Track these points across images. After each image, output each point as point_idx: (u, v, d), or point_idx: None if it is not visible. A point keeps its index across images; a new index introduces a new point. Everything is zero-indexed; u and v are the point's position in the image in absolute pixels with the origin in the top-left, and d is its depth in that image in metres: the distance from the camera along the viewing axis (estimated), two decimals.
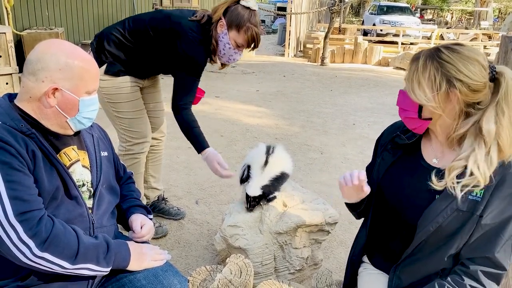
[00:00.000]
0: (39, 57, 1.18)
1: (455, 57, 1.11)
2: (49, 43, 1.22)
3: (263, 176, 1.94)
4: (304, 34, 13.36)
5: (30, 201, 1.08)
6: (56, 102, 1.19)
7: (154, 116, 2.62)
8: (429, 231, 1.16)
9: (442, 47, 1.15)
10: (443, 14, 34.23)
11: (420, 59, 1.15)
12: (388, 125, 1.46)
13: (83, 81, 1.21)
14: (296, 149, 4.32)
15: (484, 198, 1.11)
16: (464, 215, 1.13)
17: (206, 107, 5.95)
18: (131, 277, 1.28)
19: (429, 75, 1.13)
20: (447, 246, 1.17)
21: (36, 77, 1.17)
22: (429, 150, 1.26)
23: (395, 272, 1.28)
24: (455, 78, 1.10)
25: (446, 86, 1.11)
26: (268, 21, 22.85)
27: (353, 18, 27.93)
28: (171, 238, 2.61)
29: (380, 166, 1.34)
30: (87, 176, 1.30)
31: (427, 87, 1.13)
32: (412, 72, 1.16)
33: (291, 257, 1.97)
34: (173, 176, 3.56)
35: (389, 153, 1.33)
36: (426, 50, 1.18)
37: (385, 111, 6.13)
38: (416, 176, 1.25)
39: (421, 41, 13.32)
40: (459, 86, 1.11)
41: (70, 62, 1.18)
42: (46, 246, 1.07)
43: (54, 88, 1.17)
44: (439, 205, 1.15)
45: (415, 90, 1.15)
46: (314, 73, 9.40)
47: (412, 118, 1.19)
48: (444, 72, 1.11)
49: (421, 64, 1.14)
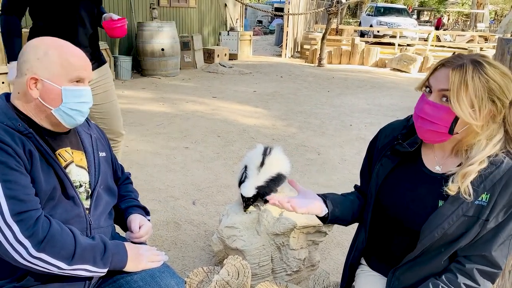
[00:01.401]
0: (22, 51, 1.20)
1: (497, 74, 1.07)
2: (36, 39, 1.23)
3: (259, 177, 1.94)
4: (301, 35, 13.38)
5: (27, 201, 1.07)
6: (39, 94, 1.17)
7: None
8: (434, 238, 1.14)
9: (481, 60, 1.08)
10: (439, 16, 34.36)
11: (467, 69, 1.06)
12: (383, 127, 1.41)
13: (64, 69, 1.19)
14: (293, 150, 4.32)
15: (490, 202, 1.10)
16: (470, 220, 1.12)
17: (203, 108, 5.95)
18: (128, 278, 1.27)
19: (476, 91, 1.05)
20: (449, 250, 1.17)
21: (20, 71, 1.18)
22: (431, 157, 1.23)
23: (394, 275, 1.27)
24: (497, 97, 1.07)
25: (490, 104, 1.08)
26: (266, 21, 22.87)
27: (350, 19, 27.99)
28: (168, 239, 2.60)
29: (379, 173, 1.31)
30: (84, 176, 1.29)
31: (474, 104, 1.06)
32: (458, 82, 1.06)
33: (288, 258, 1.97)
34: (170, 177, 3.55)
35: (388, 159, 1.29)
36: (466, 60, 1.08)
37: (382, 112, 6.15)
38: (418, 183, 1.23)
39: (417, 43, 13.36)
40: (499, 105, 1.08)
41: (49, 51, 1.18)
42: (43, 246, 1.07)
43: (32, 78, 1.16)
44: (445, 211, 1.13)
45: (461, 103, 1.05)
46: (311, 74, 9.41)
47: (438, 132, 1.11)
48: (489, 91, 1.06)
49: (469, 76, 1.05)
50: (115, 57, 7.65)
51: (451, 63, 1.09)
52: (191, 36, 9.27)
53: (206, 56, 10.08)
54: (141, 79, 7.93)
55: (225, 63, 9.64)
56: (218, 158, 4.05)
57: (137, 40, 8.14)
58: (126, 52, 8.46)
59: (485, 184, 1.10)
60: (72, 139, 1.30)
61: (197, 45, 9.42)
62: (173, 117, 5.39)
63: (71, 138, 1.30)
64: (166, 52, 8.06)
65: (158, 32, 7.94)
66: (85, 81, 1.26)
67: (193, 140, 4.54)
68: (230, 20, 12.47)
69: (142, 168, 3.68)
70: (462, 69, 1.06)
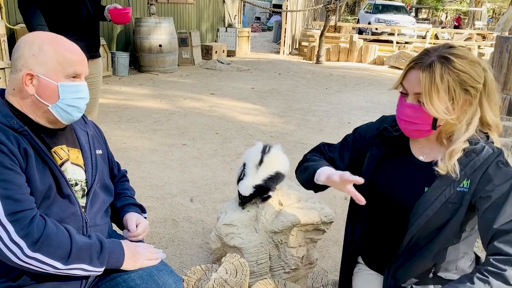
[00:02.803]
0: (16, 47, 1.17)
1: (466, 65, 1.10)
2: (29, 34, 1.21)
3: (257, 175, 1.93)
4: (299, 32, 13.36)
5: (22, 200, 1.06)
6: (35, 90, 1.16)
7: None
8: (420, 225, 1.17)
9: (448, 54, 1.10)
10: (437, 14, 34.40)
11: (435, 70, 1.09)
12: (374, 121, 1.43)
13: (60, 65, 1.17)
14: (291, 148, 4.31)
15: (471, 188, 1.13)
16: (453, 206, 1.15)
17: (200, 104, 5.93)
18: (125, 276, 1.26)
19: (449, 88, 1.09)
20: (438, 239, 1.18)
21: (15, 67, 1.16)
22: (417, 148, 1.27)
23: (389, 272, 1.28)
24: (470, 86, 1.11)
25: (464, 95, 1.11)
26: (264, 18, 22.81)
27: (348, 16, 27.96)
28: (165, 236, 2.59)
29: (369, 161, 1.34)
30: (80, 175, 1.27)
31: (448, 100, 1.10)
32: (428, 85, 1.09)
33: (286, 256, 1.96)
34: (167, 174, 3.54)
35: (377, 148, 1.33)
36: (434, 58, 1.11)
37: (380, 110, 6.14)
38: (407, 171, 1.26)
39: (416, 40, 13.35)
40: (472, 92, 1.12)
41: (44, 46, 1.16)
42: (38, 246, 1.05)
43: (27, 74, 1.14)
44: (428, 198, 1.16)
45: (435, 105, 1.09)
46: (309, 71, 9.39)
47: (422, 130, 1.16)
48: (461, 83, 1.10)
49: (438, 77, 1.09)
50: (113, 53, 7.60)
51: (420, 63, 1.12)
52: (189, 32, 9.23)
53: (204, 53, 10.04)
54: (138, 75, 7.89)
55: (223, 60, 9.61)
56: (216, 155, 4.04)
57: (135, 36, 8.09)
58: (123, 48, 8.41)
59: (466, 170, 1.13)
60: (68, 136, 1.29)
61: (195, 42, 9.38)
62: (170, 114, 5.37)
63: (67, 136, 1.28)
64: (164, 48, 8.02)
65: (156, 28, 7.90)
66: (82, 76, 1.24)
67: (191, 137, 4.52)
68: (228, 16, 12.43)
69: (139, 165, 3.67)
70: (431, 70, 1.09)
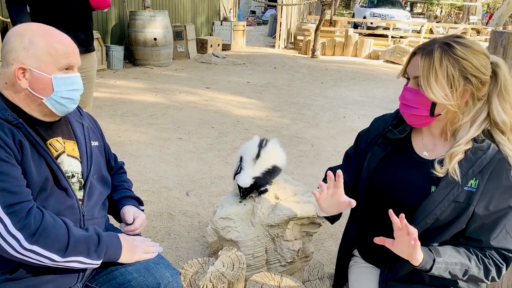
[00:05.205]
0: (6, 40, 1.15)
1: (468, 53, 1.10)
2: (19, 26, 1.19)
3: (255, 168, 1.93)
4: (295, 26, 13.32)
5: (18, 192, 1.05)
6: (28, 84, 1.14)
7: None
8: (427, 224, 1.16)
9: (452, 42, 1.11)
10: (432, 8, 34.41)
11: (434, 55, 1.10)
12: (374, 119, 1.43)
13: (52, 57, 1.16)
14: (287, 142, 4.32)
15: (479, 188, 1.12)
16: (460, 206, 1.14)
17: (196, 98, 5.91)
18: (122, 269, 1.26)
19: (447, 73, 1.09)
20: (440, 237, 1.18)
21: (6, 61, 1.14)
22: (420, 144, 1.25)
23: (387, 265, 1.28)
24: (471, 75, 1.10)
25: (464, 83, 1.10)
26: (259, 12, 22.72)
27: (343, 10, 27.89)
28: (161, 230, 2.59)
29: (371, 161, 1.32)
30: (76, 167, 1.26)
31: (446, 85, 1.10)
32: (427, 69, 1.10)
33: (283, 249, 1.97)
34: (163, 168, 3.53)
35: (379, 148, 1.31)
36: (436, 44, 1.12)
37: (375, 104, 6.16)
38: (409, 169, 1.24)
39: (411, 35, 13.36)
40: (474, 82, 1.11)
41: (35, 39, 1.14)
42: (35, 238, 1.05)
43: (20, 68, 1.13)
44: (437, 197, 1.15)
45: (433, 89, 1.09)
46: (304, 65, 9.38)
47: (421, 115, 1.16)
48: (461, 69, 1.09)
49: (437, 61, 1.09)
50: (107, 47, 7.54)
51: (422, 49, 1.14)
52: (184, 25, 9.17)
53: (199, 46, 9.99)
54: (133, 69, 7.84)
55: (218, 54, 9.57)
56: (212, 149, 4.03)
57: (129, 29, 8.03)
58: (118, 41, 8.34)
59: (473, 169, 1.13)
60: (64, 128, 1.28)
61: (190, 35, 9.33)
62: (166, 108, 5.35)
63: (63, 128, 1.27)
64: (158, 41, 7.97)
65: (151, 21, 7.84)
66: (75, 68, 1.23)
67: (186, 131, 4.51)
68: (223, 10, 12.36)
69: (135, 159, 3.65)
70: (430, 55, 1.10)
